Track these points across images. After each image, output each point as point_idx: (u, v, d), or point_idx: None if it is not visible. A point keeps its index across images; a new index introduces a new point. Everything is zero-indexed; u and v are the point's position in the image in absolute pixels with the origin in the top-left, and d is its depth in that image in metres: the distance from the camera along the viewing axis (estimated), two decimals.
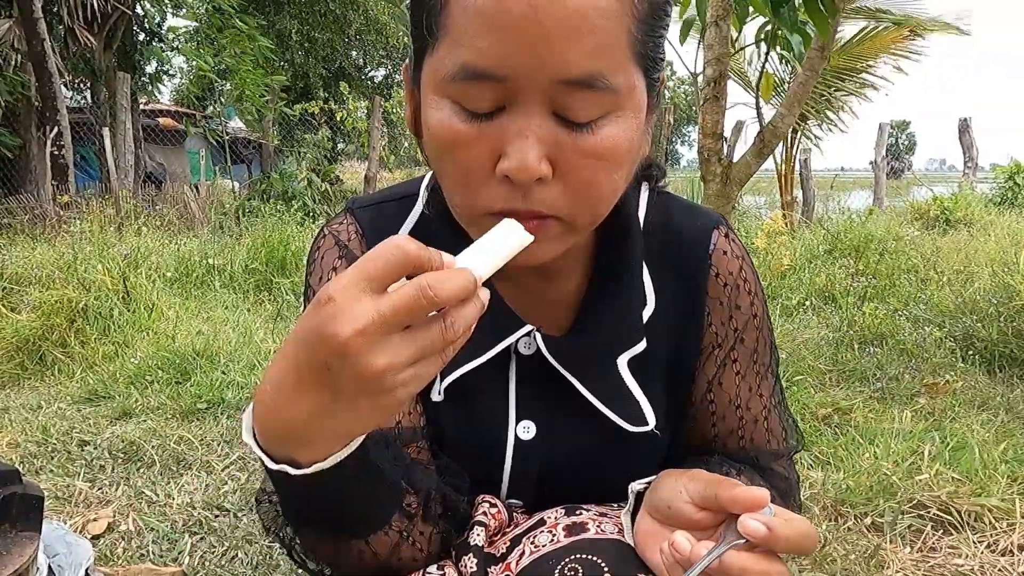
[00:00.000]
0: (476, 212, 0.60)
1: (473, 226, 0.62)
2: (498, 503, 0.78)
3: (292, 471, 0.53)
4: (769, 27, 2.42)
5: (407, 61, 0.65)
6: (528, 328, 0.74)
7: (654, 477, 0.69)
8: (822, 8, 2.16)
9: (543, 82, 0.53)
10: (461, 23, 0.53)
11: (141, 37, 13.14)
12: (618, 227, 0.75)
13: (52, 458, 2.34)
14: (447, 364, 0.73)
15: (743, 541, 0.55)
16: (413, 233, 0.77)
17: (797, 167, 8.55)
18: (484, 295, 0.50)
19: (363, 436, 0.55)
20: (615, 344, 0.75)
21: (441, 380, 0.76)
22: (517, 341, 0.75)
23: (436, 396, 0.77)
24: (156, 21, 13.24)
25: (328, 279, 0.78)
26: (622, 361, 0.75)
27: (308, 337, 0.47)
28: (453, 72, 0.54)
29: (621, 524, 0.70)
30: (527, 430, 0.77)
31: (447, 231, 0.69)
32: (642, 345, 0.75)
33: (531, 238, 0.54)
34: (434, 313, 0.48)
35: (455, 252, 0.51)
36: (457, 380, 0.75)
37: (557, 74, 0.52)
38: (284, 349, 0.50)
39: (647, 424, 0.75)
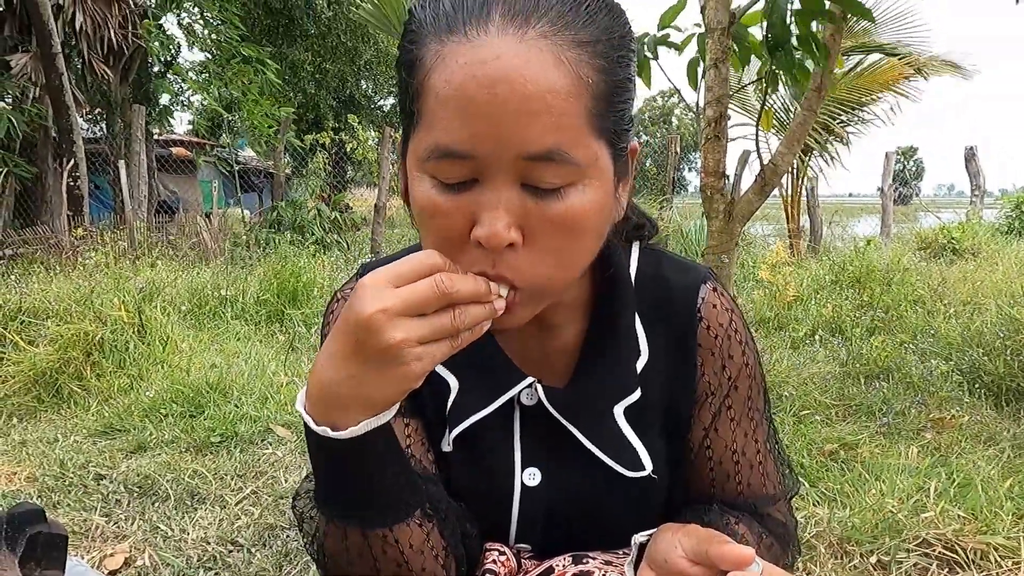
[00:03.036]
0: None
1: None
2: (507, 551, 0.82)
3: (332, 433, 0.62)
4: (768, 67, 2.48)
5: (400, 136, 0.71)
6: (529, 380, 0.79)
7: (655, 530, 0.73)
8: (815, 52, 2.23)
9: (508, 158, 0.58)
10: (433, 108, 0.59)
11: (156, 69, 13.37)
12: (611, 281, 0.80)
13: (69, 492, 2.38)
14: (459, 417, 0.79)
15: None
16: None
17: (804, 195, 8.60)
18: (499, 304, 0.61)
19: (391, 412, 0.64)
20: (611, 394, 0.79)
21: (449, 431, 0.80)
22: (519, 392, 0.79)
23: (446, 447, 0.81)
24: (171, 54, 13.49)
25: None
26: (618, 410, 0.80)
27: (346, 316, 0.59)
28: (429, 152, 0.60)
29: (624, 573, 0.74)
30: (533, 477, 0.81)
31: None
32: (637, 394, 0.80)
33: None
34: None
35: None
36: (464, 431, 0.80)
37: (519, 151, 0.58)
38: (332, 331, 0.62)
39: (644, 470, 0.80)
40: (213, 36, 10.76)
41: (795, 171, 8.11)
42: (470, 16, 0.58)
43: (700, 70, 2.64)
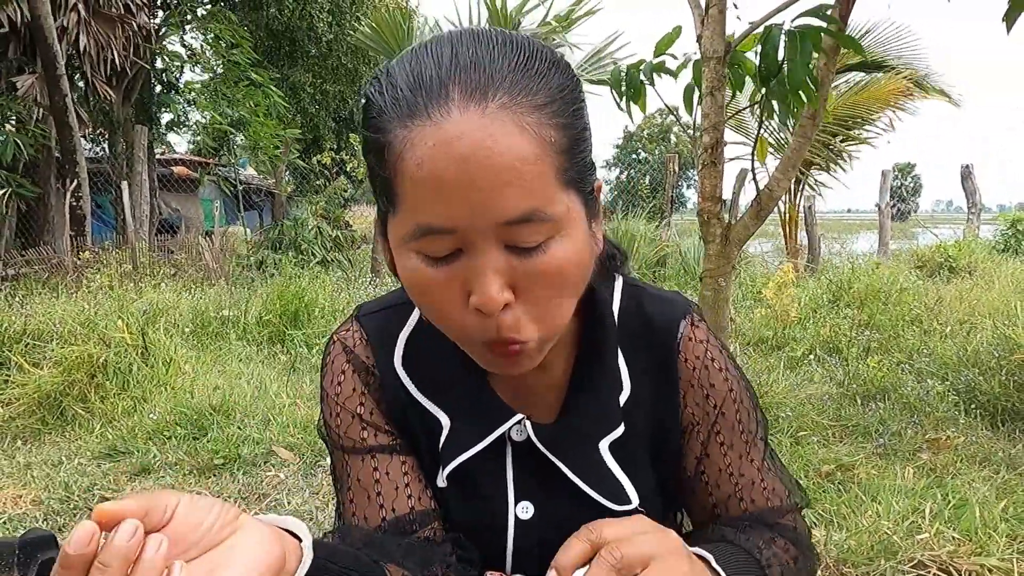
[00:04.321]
0: (461, 340, 0.70)
1: (462, 344, 0.71)
2: None
3: None
4: (762, 97, 2.53)
5: (377, 215, 0.75)
6: (518, 417, 0.82)
7: None
8: (809, 83, 2.28)
9: (488, 226, 0.62)
10: (410, 191, 0.62)
11: (158, 89, 13.49)
12: (595, 318, 0.84)
13: (74, 515, 2.40)
14: (451, 454, 0.82)
15: None
16: (412, 337, 0.87)
17: (801, 212, 8.66)
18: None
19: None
20: (596, 429, 0.83)
21: (443, 468, 0.84)
22: (510, 428, 0.83)
23: (441, 482, 0.84)
24: (174, 75, 13.61)
25: (338, 381, 0.87)
26: (603, 445, 0.83)
27: None
28: (412, 232, 0.64)
29: None
30: (526, 510, 0.84)
31: (442, 335, 0.77)
32: (621, 429, 0.83)
33: None
34: None
35: (451, 352, 0.72)
36: (458, 467, 0.83)
37: (498, 219, 0.61)
38: None
39: (630, 503, 0.83)
40: (223, 57, 10.90)
41: (792, 190, 8.17)
42: (430, 98, 0.60)
43: (696, 96, 2.68)
